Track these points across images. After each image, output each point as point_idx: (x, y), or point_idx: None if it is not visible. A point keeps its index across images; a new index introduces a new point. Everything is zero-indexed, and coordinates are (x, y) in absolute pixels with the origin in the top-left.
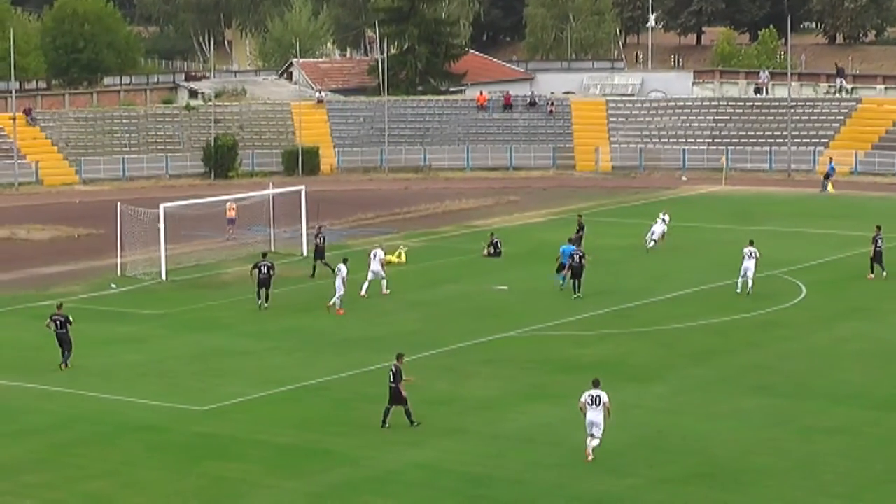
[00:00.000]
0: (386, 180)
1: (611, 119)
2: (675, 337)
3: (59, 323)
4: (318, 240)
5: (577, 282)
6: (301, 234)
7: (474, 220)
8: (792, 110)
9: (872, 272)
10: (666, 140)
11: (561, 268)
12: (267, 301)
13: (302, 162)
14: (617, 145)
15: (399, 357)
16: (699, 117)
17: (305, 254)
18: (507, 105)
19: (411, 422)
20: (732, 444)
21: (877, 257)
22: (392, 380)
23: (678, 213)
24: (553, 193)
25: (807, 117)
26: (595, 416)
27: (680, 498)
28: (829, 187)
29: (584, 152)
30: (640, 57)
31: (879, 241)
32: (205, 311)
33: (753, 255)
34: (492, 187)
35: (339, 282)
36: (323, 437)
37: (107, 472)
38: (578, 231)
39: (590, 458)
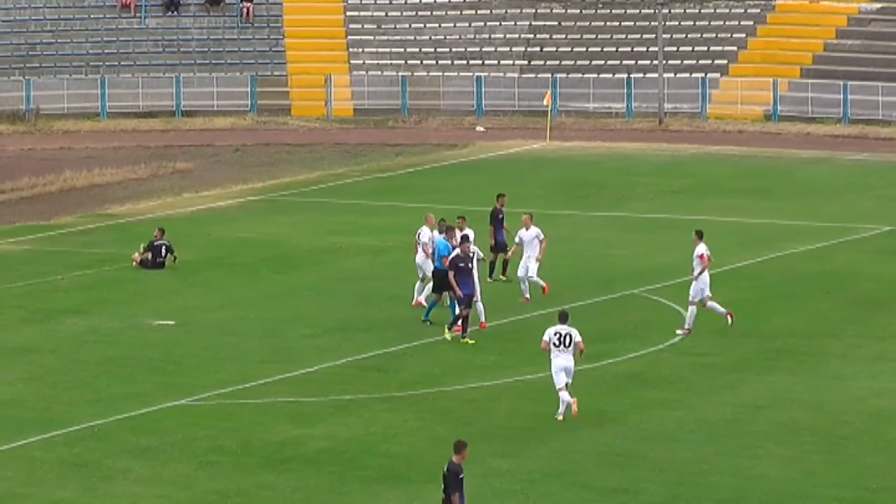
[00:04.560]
0: None
1: (352, 27)
2: (466, 404)
3: None
4: None
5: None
6: None
7: (114, 204)
8: (664, 10)
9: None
10: (448, 63)
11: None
12: None
13: None
14: (363, 73)
15: (457, 448)
16: (506, 23)
17: None
18: (173, 4)
19: None
20: None
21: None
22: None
23: (467, 188)
24: (253, 156)
25: (689, 23)
26: (567, 360)
27: None
28: None
29: (305, 84)
30: None
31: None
32: None
33: None
34: (145, 146)
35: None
36: None
37: None
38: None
39: (560, 417)
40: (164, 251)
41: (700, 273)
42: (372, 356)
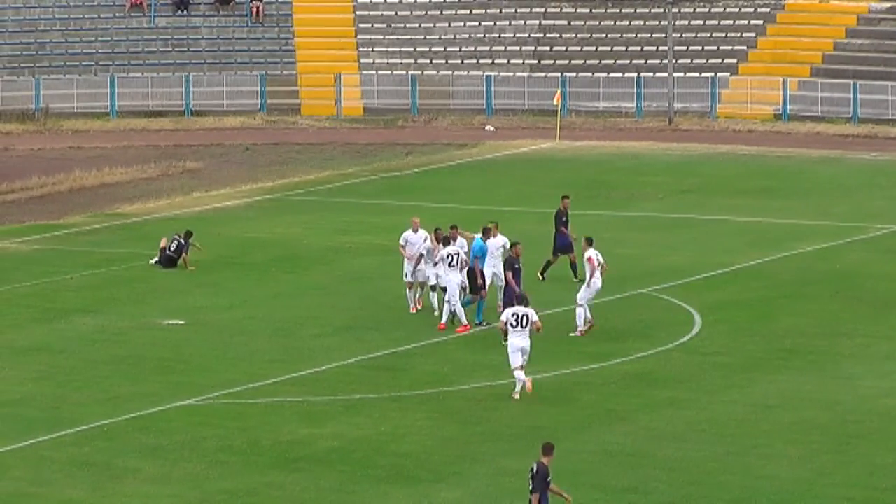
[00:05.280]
0: None
1: (361, 26)
2: (475, 404)
3: None
4: None
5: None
6: None
7: (124, 203)
8: (674, 9)
9: None
10: (457, 62)
11: (476, 282)
12: None
13: None
14: (373, 72)
15: (546, 450)
16: (515, 22)
17: None
18: (183, 3)
19: None
20: None
21: None
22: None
23: (477, 188)
24: (262, 156)
25: (699, 23)
26: (524, 340)
27: None
28: None
29: (315, 84)
30: None
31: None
32: None
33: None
34: (155, 146)
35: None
36: None
37: None
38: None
39: (516, 396)
40: (174, 246)
41: (591, 278)
42: (381, 356)
